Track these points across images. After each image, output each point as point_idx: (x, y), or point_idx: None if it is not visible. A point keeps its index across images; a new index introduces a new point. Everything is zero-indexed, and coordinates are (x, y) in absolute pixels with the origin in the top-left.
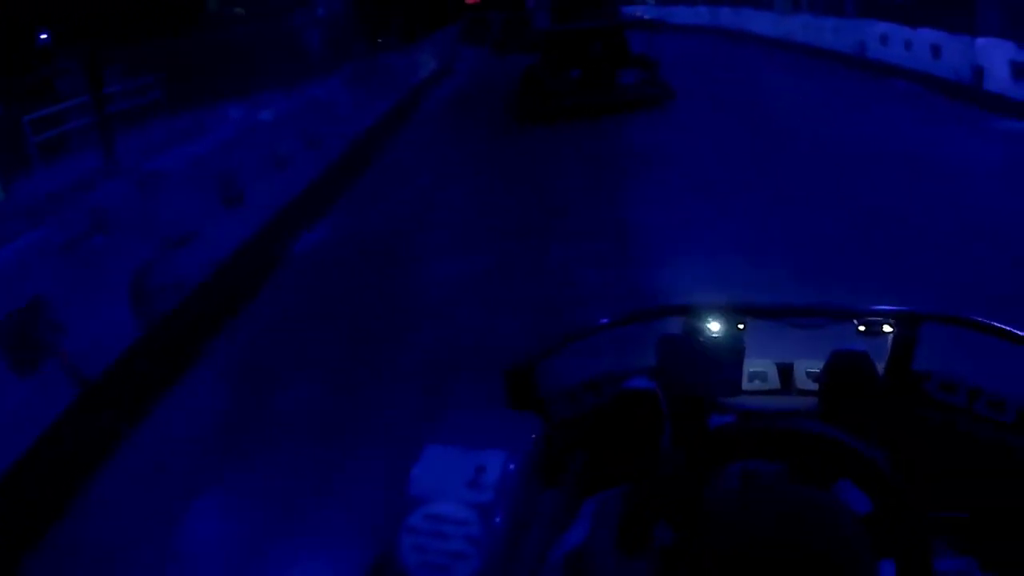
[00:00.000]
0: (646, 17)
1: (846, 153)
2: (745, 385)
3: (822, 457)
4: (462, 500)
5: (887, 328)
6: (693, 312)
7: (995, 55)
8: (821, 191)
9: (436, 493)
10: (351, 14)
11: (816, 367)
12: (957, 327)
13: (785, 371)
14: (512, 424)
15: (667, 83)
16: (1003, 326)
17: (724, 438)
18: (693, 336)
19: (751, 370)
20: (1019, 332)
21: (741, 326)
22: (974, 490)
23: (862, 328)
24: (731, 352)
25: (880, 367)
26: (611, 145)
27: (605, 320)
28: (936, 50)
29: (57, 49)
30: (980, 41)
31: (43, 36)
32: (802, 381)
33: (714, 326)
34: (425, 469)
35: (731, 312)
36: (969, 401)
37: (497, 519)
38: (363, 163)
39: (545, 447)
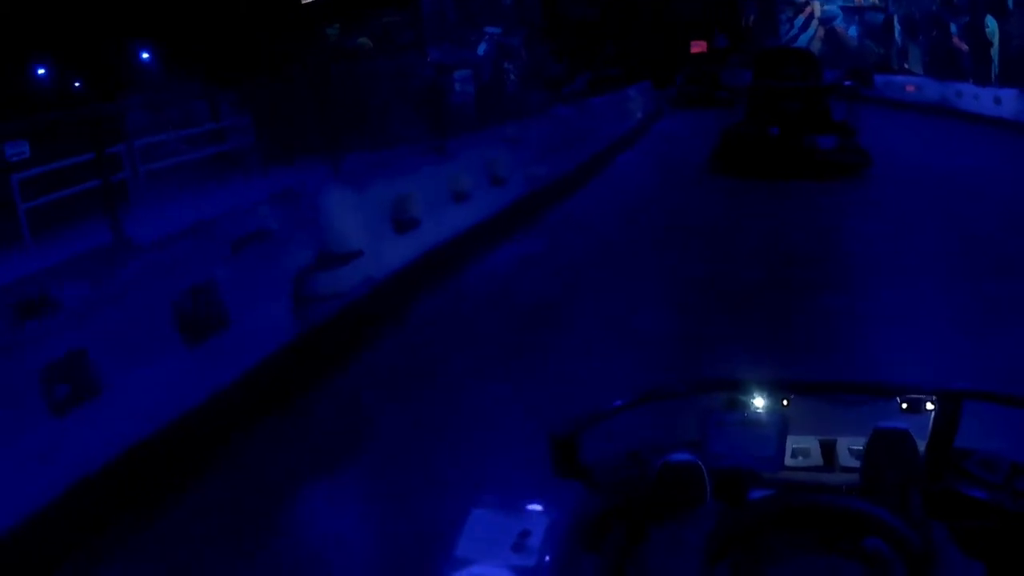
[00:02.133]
0: (847, 84)
1: None
2: (788, 461)
3: (860, 532)
4: (506, 563)
5: (929, 406)
6: (738, 387)
7: None
8: None
9: (481, 555)
10: (537, 50)
11: (859, 444)
12: (1001, 405)
13: (828, 448)
14: (557, 491)
15: (865, 151)
16: None
17: (766, 509)
18: (737, 411)
19: (794, 446)
20: None
21: (785, 402)
22: (1017, 567)
23: (905, 405)
24: (774, 428)
25: (922, 444)
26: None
27: (647, 393)
28: None
29: (168, 72)
30: None
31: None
32: (845, 458)
33: (758, 401)
34: (471, 532)
35: (775, 388)
36: (1008, 478)
37: None
38: None
39: (588, 515)
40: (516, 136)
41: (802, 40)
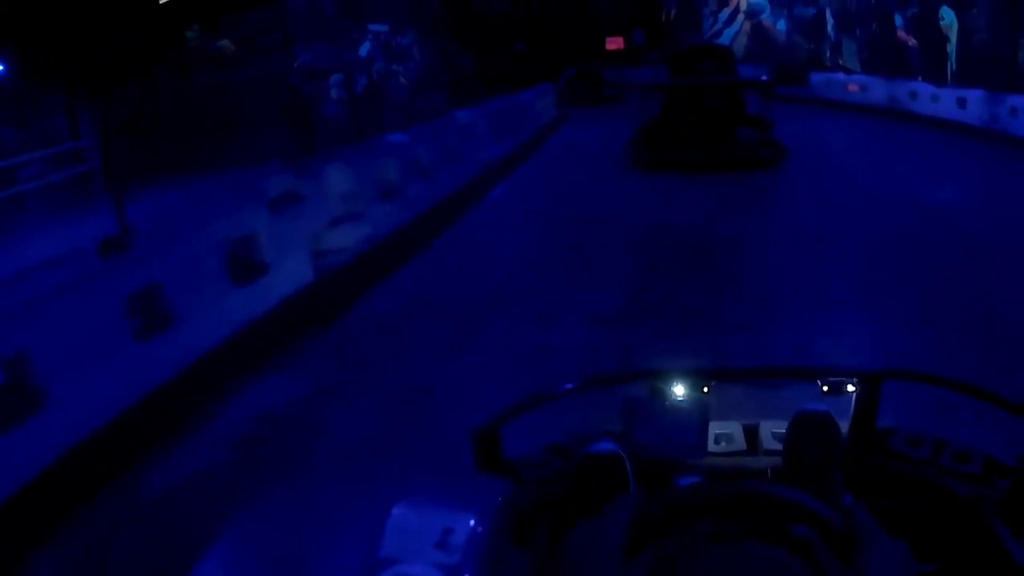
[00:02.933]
0: (763, 79)
1: None
2: (711, 447)
3: (784, 518)
4: (430, 562)
5: (850, 387)
6: (658, 376)
7: None
8: None
9: (405, 554)
10: (435, 49)
11: (781, 427)
12: (921, 384)
13: (751, 432)
14: (480, 487)
15: (781, 143)
16: (963, 382)
17: (688, 499)
18: (658, 400)
19: (717, 432)
20: (979, 387)
21: (706, 389)
22: (943, 541)
23: (826, 388)
24: (696, 415)
25: (845, 425)
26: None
27: (570, 385)
28: None
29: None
30: None
31: None
32: (768, 442)
33: (679, 390)
34: (394, 530)
35: (695, 376)
36: (934, 454)
37: None
38: None
39: (513, 509)
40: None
41: (727, 35)
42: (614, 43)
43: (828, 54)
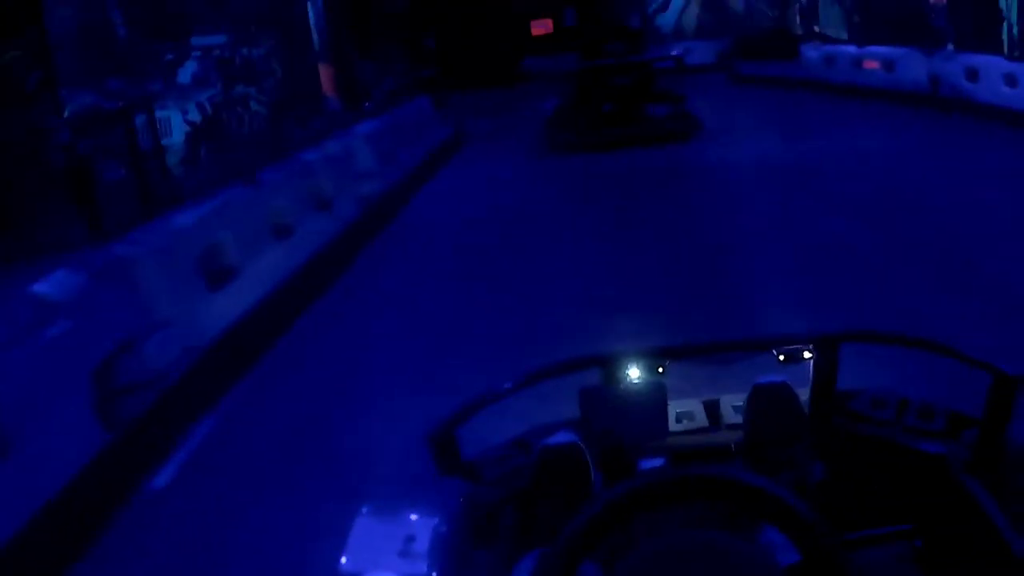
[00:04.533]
0: (674, 53)
1: None
2: (673, 426)
3: (746, 503)
4: (395, 570)
5: (807, 354)
6: (610, 362)
7: None
8: None
9: (369, 565)
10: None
11: (742, 400)
12: (876, 344)
13: (712, 408)
14: (441, 490)
15: (695, 116)
16: (921, 338)
17: (646, 487)
18: (613, 385)
19: (678, 411)
20: (937, 342)
21: (661, 369)
22: (914, 501)
23: (782, 357)
24: (653, 396)
25: (805, 393)
26: None
27: (519, 380)
28: None
29: None
30: None
31: None
32: (729, 416)
33: (633, 372)
34: (357, 542)
35: (648, 357)
36: (898, 414)
37: None
38: None
39: (474, 509)
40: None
41: (674, 7)
42: (541, 26)
43: (798, 21)
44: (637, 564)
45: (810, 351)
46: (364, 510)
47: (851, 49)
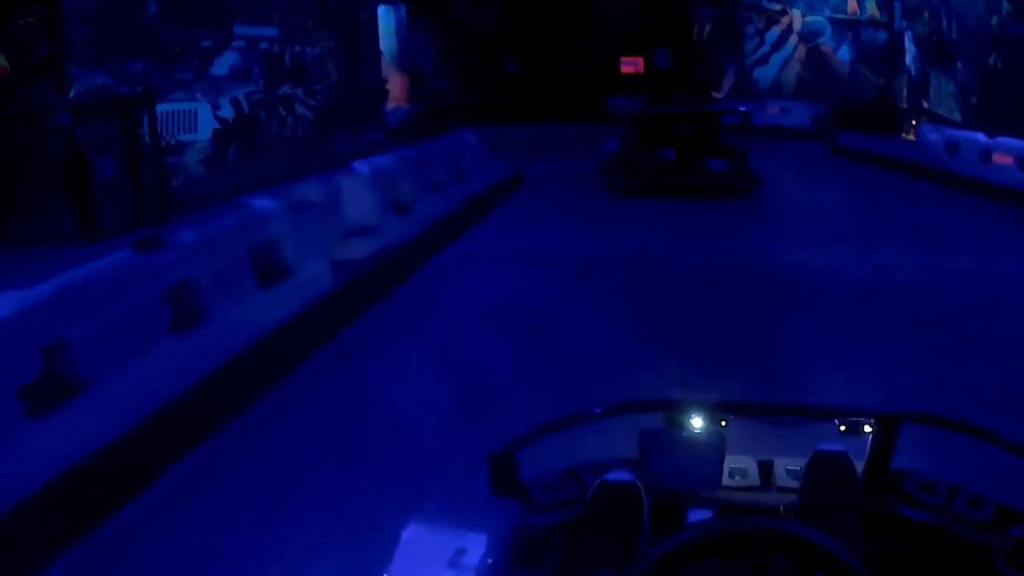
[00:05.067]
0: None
1: None
2: (725, 481)
3: (801, 558)
4: None
5: (867, 428)
6: (677, 407)
7: None
8: None
9: (416, 574)
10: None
11: (796, 465)
12: (938, 428)
13: (765, 468)
14: (493, 509)
15: (754, 173)
16: (985, 428)
17: (703, 535)
18: (675, 431)
19: (732, 466)
20: (1001, 436)
21: (723, 423)
22: None
23: (843, 428)
24: (712, 448)
25: (859, 466)
26: None
27: (591, 411)
28: None
29: None
30: None
31: None
32: (782, 479)
33: (696, 421)
34: (406, 551)
35: (714, 409)
36: (946, 500)
37: None
38: None
39: (525, 533)
40: None
41: (775, 61)
42: (630, 64)
43: (905, 93)
44: None
45: (871, 425)
46: (411, 524)
47: (980, 138)
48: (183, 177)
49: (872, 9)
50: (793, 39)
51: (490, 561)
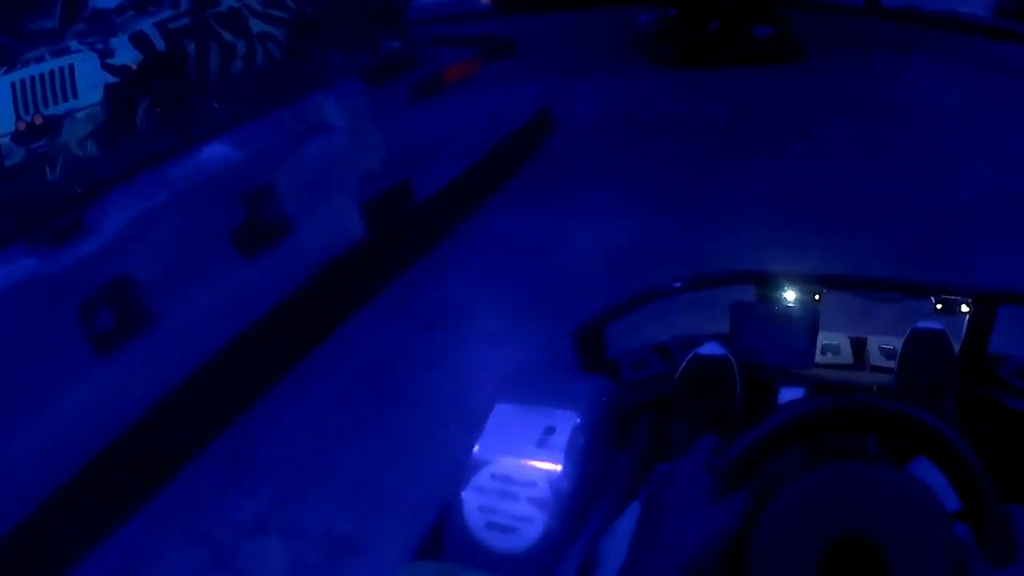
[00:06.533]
0: None
1: None
2: (818, 358)
3: (903, 437)
4: (531, 459)
5: (964, 308)
6: (769, 280)
7: None
8: None
9: (505, 452)
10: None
11: (889, 343)
12: None
13: (858, 346)
14: (582, 386)
15: (799, 42)
16: None
17: (797, 413)
18: (768, 304)
19: (824, 342)
20: None
21: (817, 297)
22: None
23: (939, 306)
24: (806, 323)
25: (955, 347)
26: None
27: (677, 284)
28: None
29: None
30: None
31: None
32: (875, 357)
33: (789, 295)
34: (494, 429)
35: (807, 282)
36: None
37: (565, 482)
38: None
39: (615, 412)
40: None
41: None
42: None
43: None
44: (799, 493)
45: (968, 305)
46: (500, 402)
47: None
48: (62, 163)
49: None
50: None
51: (581, 441)
